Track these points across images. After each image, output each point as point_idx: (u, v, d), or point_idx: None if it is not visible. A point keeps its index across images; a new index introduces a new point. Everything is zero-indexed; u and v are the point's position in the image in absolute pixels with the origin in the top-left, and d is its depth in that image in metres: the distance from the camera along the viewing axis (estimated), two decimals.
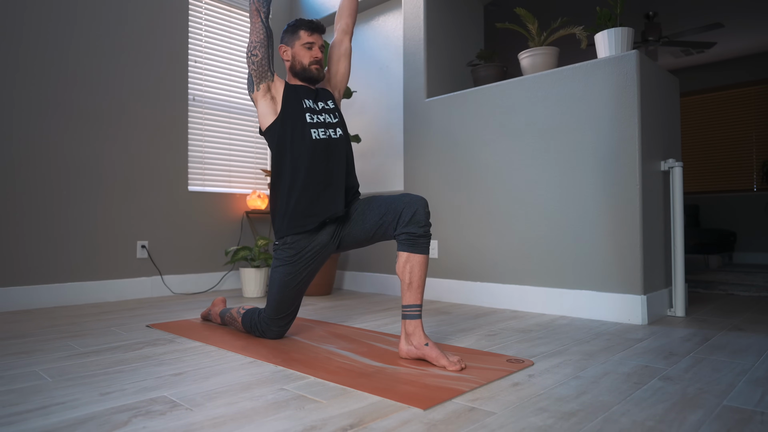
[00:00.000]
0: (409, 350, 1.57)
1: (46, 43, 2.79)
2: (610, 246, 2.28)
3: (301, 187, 1.77)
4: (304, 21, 1.86)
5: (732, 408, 1.16)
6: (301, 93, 1.85)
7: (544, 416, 1.11)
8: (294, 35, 1.86)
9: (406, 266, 1.60)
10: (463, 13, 3.40)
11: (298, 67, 1.86)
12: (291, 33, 1.87)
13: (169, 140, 3.28)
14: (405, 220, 1.61)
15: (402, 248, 1.61)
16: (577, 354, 1.66)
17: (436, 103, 3.00)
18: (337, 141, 1.84)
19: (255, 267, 3.16)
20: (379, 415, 1.11)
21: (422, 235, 1.60)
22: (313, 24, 1.86)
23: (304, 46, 1.85)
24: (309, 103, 1.85)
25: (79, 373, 1.46)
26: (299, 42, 1.85)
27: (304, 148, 1.78)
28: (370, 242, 1.80)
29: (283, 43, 1.89)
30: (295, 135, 1.79)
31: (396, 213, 1.65)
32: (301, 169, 1.77)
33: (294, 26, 1.87)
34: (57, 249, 2.81)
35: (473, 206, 2.80)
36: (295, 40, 1.86)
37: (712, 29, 4.51)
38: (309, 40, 1.84)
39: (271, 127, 1.83)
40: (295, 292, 1.81)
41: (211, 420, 1.09)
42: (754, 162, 5.83)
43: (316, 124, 1.81)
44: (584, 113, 2.38)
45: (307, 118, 1.81)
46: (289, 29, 1.88)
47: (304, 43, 1.84)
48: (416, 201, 1.63)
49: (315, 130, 1.80)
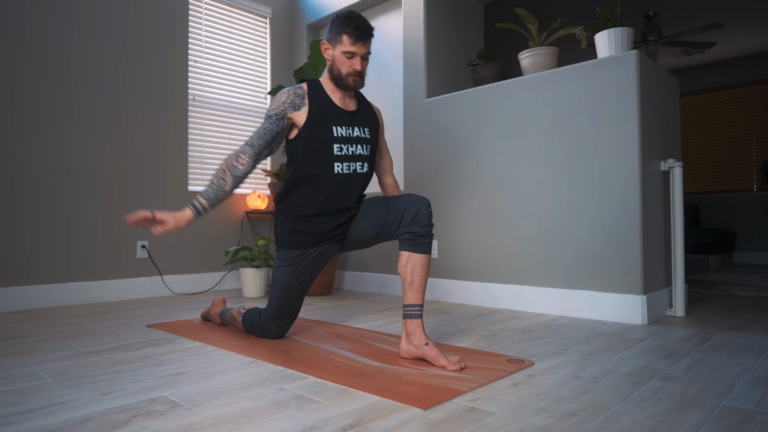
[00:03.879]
0: (409, 349, 1.57)
1: (46, 43, 2.79)
2: (610, 246, 2.28)
3: (311, 215, 1.75)
4: (350, 23, 1.64)
5: (732, 408, 1.16)
6: (333, 116, 1.70)
7: (544, 416, 1.11)
8: (337, 36, 1.66)
9: (408, 266, 1.59)
10: (463, 13, 3.40)
11: (336, 72, 1.69)
12: (335, 32, 1.67)
13: (169, 140, 3.28)
14: (408, 220, 1.61)
15: (404, 248, 1.61)
16: (577, 354, 1.66)
17: (436, 103, 3.00)
18: (360, 176, 1.76)
19: (255, 267, 3.16)
20: (379, 415, 1.11)
21: (424, 234, 1.60)
22: (359, 30, 1.63)
23: (345, 54, 1.65)
24: (341, 130, 1.71)
25: (79, 373, 1.46)
26: (341, 47, 1.65)
27: (323, 181, 1.71)
28: (373, 242, 1.79)
29: (326, 40, 1.70)
30: (315, 164, 1.70)
31: (399, 213, 1.64)
32: (316, 200, 1.73)
33: (339, 25, 1.65)
34: (57, 249, 2.81)
35: (473, 206, 2.80)
36: (337, 43, 1.66)
37: (712, 29, 4.51)
38: (351, 50, 1.65)
39: (293, 142, 1.74)
40: (297, 293, 1.81)
41: (211, 420, 1.09)
42: (754, 162, 5.83)
43: (343, 157, 1.71)
44: (584, 113, 2.38)
45: (334, 150, 1.69)
46: (333, 26, 1.67)
47: (345, 51, 1.65)
48: (419, 201, 1.62)
49: (339, 164, 1.71)
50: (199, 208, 1.62)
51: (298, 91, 1.71)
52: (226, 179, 1.64)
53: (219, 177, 1.64)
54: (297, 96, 1.70)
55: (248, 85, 3.77)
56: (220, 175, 1.64)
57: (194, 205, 1.62)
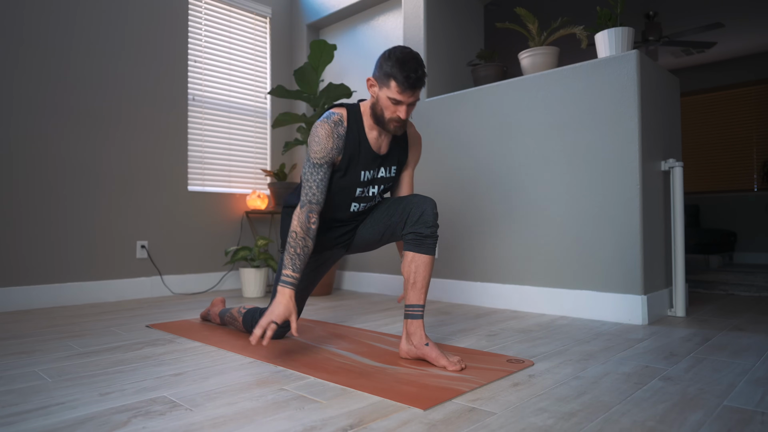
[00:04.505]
0: (410, 350, 1.57)
1: (46, 43, 2.79)
2: (610, 246, 2.28)
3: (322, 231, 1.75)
4: (401, 69, 1.48)
5: (732, 408, 1.16)
6: (365, 160, 1.63)
7: (544, 416, 1.11)
8: (385, 79, 1.51)
9: (411, 266, 1.59)
10: (463, 12, 3.40)
11: (378, 112, 1.57)
12: (383, 73, 1.51)
13: (169, 140, 3.27)
14: (413, 220, 1.60)
15: (408, 248, 1.60)
16: (578, 354, 1.66)
17: (436, 103, 3.00)
18: (372, 205, 1.75)
19: (255, 267, 3.16)
20: (379, 416, 1.11)
21: (429, 235, 1.59)
22: (409, 80, 1.48)
23: (390, 100, 1.52)
24: (367, 174, 1.65)
25: (79, 373, 1.46)
26: (387, 91, 1.51)
27: (338, 212, 1.70)
28: (380, 244, 1.78)
29: (373, 77, 1.56)
30: (333, 200, 1.67)
31: (404, 213, 1.63)
32: (326, 221, 1.74)
33: (390, 67, 1.50)
34: (56, 249, 2.81)
35: (473, 206, 2.80)
36: (384, 86, 1.52)
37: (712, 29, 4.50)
38: (398, 98, 1.51)
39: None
40: (300, 295, 1.81)
41: (211, 420, 1.09)
42: (754, 162, 5.82)
43: (362, 198, 1.68)
44: (584, 113, 2.38)
45: (356, 192, 1.66)
46: (383, 65, 1.52)
47: (392, 97, 1.51)
48: (425, 201, 1.61)
49: (357, 204, 1.69)
50: (294, 282, 1.54)
51: (339, 129, 1.58)
52: (308, 244, 1.56)
53: (302, 246, 1.55)
54: (339, 137, 1.58)
55: (248, 85, 3.77)
56: (302, 244, 1.55)
57: (289, 283, 1.53)
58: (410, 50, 1.53)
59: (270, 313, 1.48)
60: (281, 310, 1.49)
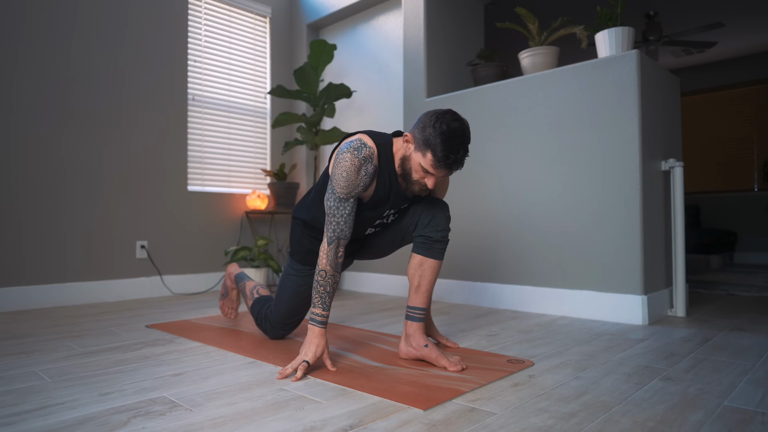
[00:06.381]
0: (408, 351, 1.57)
1: (46, 43, 2.79)
2: (610, 246, 2.28)
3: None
4: (444, 145, 1.40)
5: (733, 408, 1.16)
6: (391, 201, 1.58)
7: (544, 417, 1.11)
8: (424, 146, 1.43)
9: (418, 270, 1.57)
10: (463, 12, 3.39)
11: (407, 169, 1.51)
12: (424, 139, 1.43)
13: (169, 140, 3.27)
14: (424, 223, 1.58)
15: (417, 250, 1.58)
16: (578, 354, 1.66)
17: (436, 103, 2.99)
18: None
19: (255, 267, 3.15)
20: (379, 416, 1.11)
21: (439, 240, 1.57)
22: (448, 160, 1.41)
23: (423, 169, 1.46)
24: (392, 211, 1.62)
25: (79, 373, 1.46)
26: (422, 159, 1.44)
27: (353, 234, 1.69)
28: (390, 250, 1.75)
29: (412, 134, 1.48)
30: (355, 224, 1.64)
31: (416, 216, 1.61)
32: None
33: (433, 137, 1.41)
34: (56, 249, 2.81)
35: (473, 206, 2.80)
36: (420, 152, 1.45)
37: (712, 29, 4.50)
38: (432, 172, 1.45)
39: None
40: (306, 301, 1.79)
41: (211, 420, 1.09)
42: (754, 162, 5.82)
43: (379, 224, 1.67)
44: (584, 113, 2.38)
45: (377, 222, 1.65)
46: (427, 128, 1.42)
47: (426, 168, 1.45)
48: (437, 204, 1.59)
49: (372, 229, 1.69)
50: (325, 320, 1.51)
51: (368, 167, 1.49)
52: (336, 278, 1.53)
53: (331, 284, 1.50)
54: (367, 175, 1.49)
55: (248, 85, 3.77)
56: (331, 281, 1.50)
57: (319, 322, 1.49)
58: (460, 124, 1.42)
59: (303, 354, 1.46)
60: (314, 350, 1.46)
